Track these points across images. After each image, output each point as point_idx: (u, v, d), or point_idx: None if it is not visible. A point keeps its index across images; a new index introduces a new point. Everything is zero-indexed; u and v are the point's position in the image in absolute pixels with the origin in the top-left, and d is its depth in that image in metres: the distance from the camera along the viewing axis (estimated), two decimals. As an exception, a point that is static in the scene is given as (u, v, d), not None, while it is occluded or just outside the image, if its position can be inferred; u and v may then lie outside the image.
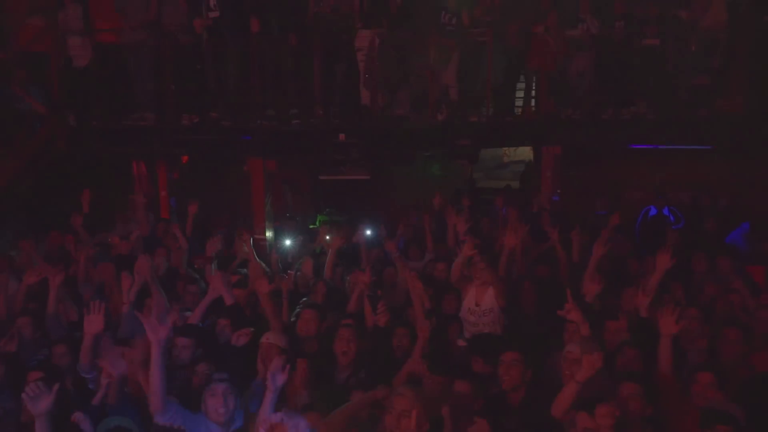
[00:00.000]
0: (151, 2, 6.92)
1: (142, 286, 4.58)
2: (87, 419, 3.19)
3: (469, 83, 7.56)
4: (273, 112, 6.98)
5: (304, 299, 5.52)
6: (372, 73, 6.83)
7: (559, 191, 8.87)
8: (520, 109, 8.43)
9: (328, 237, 6.78)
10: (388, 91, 7.18)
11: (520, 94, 8.51)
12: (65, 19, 7.39)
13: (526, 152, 11.81)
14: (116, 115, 7.45)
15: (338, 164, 7.20)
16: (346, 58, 7.10)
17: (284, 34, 6.70)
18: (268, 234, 7.24)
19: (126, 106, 7.44)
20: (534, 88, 8.29)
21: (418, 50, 7.25)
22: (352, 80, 7.19)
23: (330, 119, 7.14)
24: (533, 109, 8.38)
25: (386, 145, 7.29)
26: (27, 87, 7.18)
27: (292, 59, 6.85)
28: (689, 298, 5.01)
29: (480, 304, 4.51)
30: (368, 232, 6.58)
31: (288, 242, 7.01)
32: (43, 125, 7.29)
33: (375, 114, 7.09)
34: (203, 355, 3.95)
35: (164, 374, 3.05)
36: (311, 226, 9.18)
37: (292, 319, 4.78)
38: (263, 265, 6.24)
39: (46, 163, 7.41)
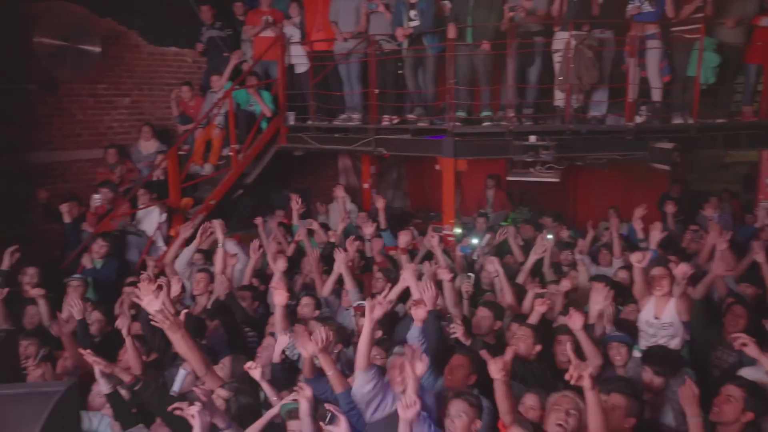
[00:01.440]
0: (361, 14, 7.61)
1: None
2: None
3: (673, 82, 7.11)
4: (464, 113, 7.25)
5: (488, 293, 5.78)
6: (566, 74, 6.75)
7: (785, 200, 7.92)
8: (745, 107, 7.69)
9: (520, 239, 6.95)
10: (584, 93, 7.03)
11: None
12: (288, 31, 8.46)
13: (752, 152, 10.60)
14: (328, 116, 8.35)
15: (528, 165, 7.27)
16: (541, 61, 7.11)
17: (479, 40, 6.91)
18: (456, 230, 7.55)
19: (337, 107, 8.32)
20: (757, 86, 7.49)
21: (617, 49, 7.00)
22: (546, 82, 7.19)
23: (521, 121, 7.22)
24: (754, 109, 7.58)
25: (579, 148, 7.14)
26: (259, 91, 8.37)
27: (485, 63, 7.04)
28: None
29: (659, 317, 4.33)
30: (549, 236, 6.56)
31: (475, 240, 7.25)
32: (270, 124, 8.44)
33: (568, 116, 7.00)
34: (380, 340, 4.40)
35: (370, 344, 3.41)
36: (503, 224, 9.31)
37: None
38: (448, 261, 6.60)
39: (270, 155, 8.59)
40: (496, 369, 3.10)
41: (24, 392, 2.99)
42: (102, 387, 3.77)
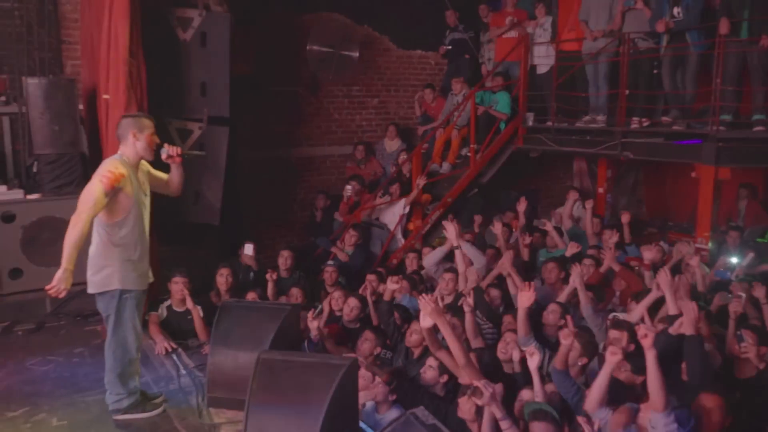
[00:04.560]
0: (615, 12, 7.26)
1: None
2: None
3: None
4: (730, 117, 6.55)
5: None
6: None
7: None
8: None
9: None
10: None
11: None
12: (535, 31, 8.39)
13: None
14: (569, 117, 8.13)
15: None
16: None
17: (756, 34, 6.17)
18: (710, 245, 6.87)
19: (579, 108, 8.05)
20: None
21: None
22: None
23: (805, 126, 6.31)
24: None
25: None
26: (499, 93, 8.45)
27: (762, 60, 6.26)
28: None
29: None
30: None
31: (734, 259, 6.50)
32: (508, 125, 8.47)
33: None
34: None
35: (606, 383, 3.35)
36: (759, 240, 8.25)
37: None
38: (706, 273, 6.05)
39: (506, 156, 8.63)
40: None
41: (315, 362, 3.40)
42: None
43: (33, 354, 4.80)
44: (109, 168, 3.56)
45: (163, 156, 3.85)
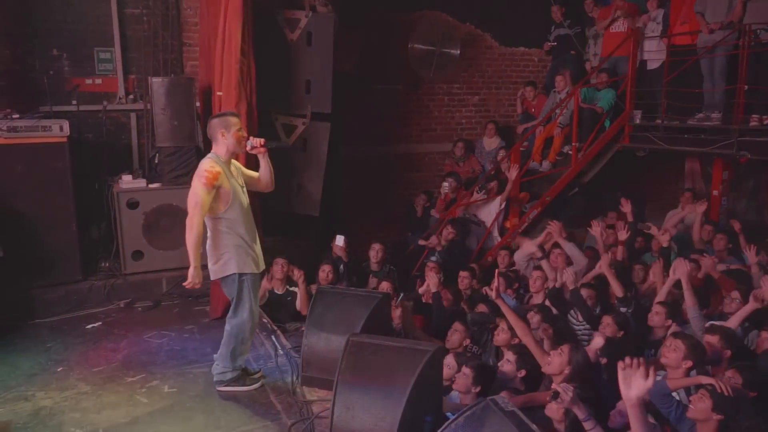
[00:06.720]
0: (736, 2, 6.81)
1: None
2: None
3: None
4: None
5: None
6: None
7: None
8: None
9: None
10: None
11: None
12: (646, 25, 8.03)
13: None
14: (681, 114, 7.70)
15: None
16: None
17: None
18: (838, 253, 6.28)
19: (692, 105, 7.61)
20: None
21: None
22: None
23: None
24: None
25: None
26: (603, 89, 8.17)
27: None
28: None
29: None
30: None
31: None
32: (613, 123, 8.16)
33: None
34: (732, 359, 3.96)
35: None
36: None
37: None
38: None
39: (610, 155, 8.32)
40: None
41: (402, 346, 3.51)
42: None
43: (150, 328, 5.28)
44: (205, 168, 3.78)
45: (248, 148, 3.99)
